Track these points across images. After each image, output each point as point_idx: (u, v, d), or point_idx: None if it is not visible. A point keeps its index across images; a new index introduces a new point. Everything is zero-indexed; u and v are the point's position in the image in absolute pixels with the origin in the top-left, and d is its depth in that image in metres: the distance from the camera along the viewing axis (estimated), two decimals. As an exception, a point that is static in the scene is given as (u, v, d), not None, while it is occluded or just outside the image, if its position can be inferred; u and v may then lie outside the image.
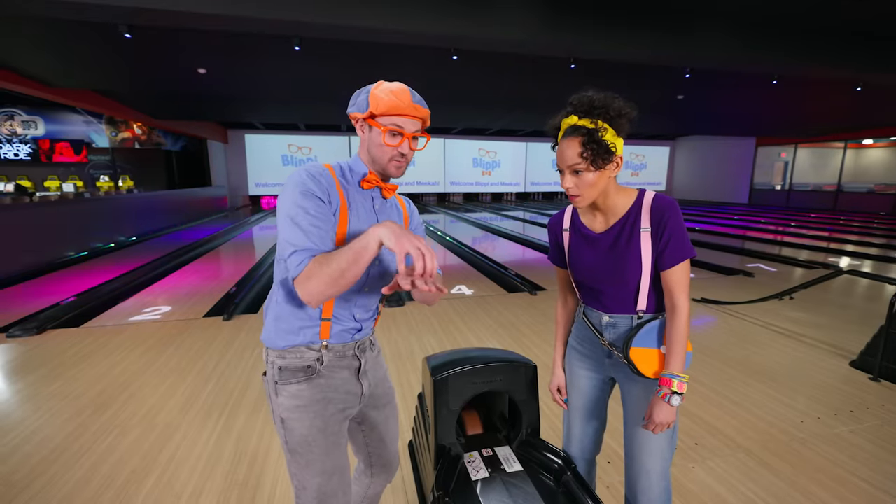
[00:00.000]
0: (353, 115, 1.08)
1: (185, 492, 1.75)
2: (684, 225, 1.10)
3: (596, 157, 1.04)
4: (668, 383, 1.08)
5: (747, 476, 1.87)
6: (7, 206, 6.42)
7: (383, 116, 1.03)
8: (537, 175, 19.08)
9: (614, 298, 1.18)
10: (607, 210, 1.15)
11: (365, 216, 1.10)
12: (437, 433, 1.34)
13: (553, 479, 1.28)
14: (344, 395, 1.12)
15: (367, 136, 1.08)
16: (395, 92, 1.02)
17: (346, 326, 1.11)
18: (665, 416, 1.09)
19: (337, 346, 1.10)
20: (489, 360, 1.39)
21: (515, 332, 3.51)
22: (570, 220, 1.25)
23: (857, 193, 14.20)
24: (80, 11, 3.75)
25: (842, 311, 4.09)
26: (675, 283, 1.09)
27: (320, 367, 1.08)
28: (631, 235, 1.12)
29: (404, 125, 1.04)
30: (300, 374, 1.06)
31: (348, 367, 1.13)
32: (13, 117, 11.32)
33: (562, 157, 1.08)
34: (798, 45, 5.55)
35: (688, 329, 1.10)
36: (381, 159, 1.08)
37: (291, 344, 1.06)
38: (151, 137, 12.79)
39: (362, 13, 4.18)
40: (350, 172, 1.12)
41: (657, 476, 1.18)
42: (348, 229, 1.05)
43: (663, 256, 1.09)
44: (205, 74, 6.73)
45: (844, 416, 2.33)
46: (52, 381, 2.68)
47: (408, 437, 2.09)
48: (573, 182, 1.07)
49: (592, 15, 4.82)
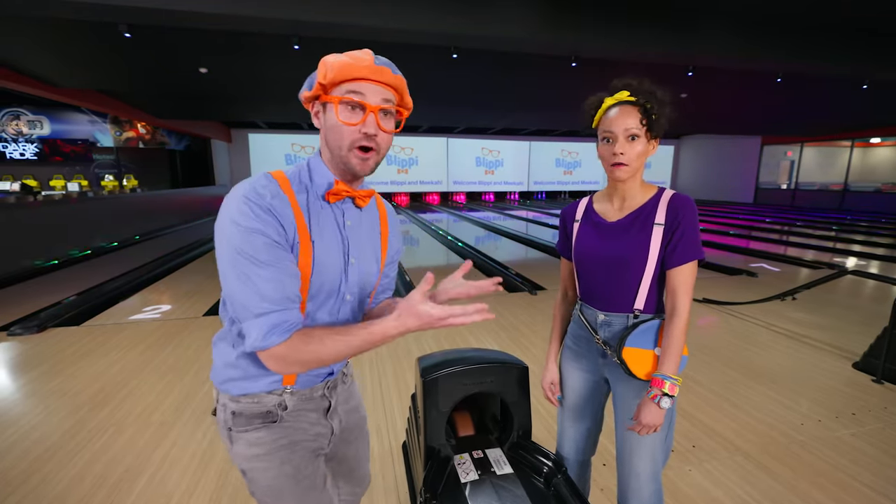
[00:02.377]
0: (304, 97, 0.81)
1: (177, 491, 1.75)
2: (699, 226, 1.10)
3: (652, 126, 1.06)
4: (659, 384, 1.06)
5: (745, 479, 1.84)
6: (12, 204, 6.48)
7: (336, 86, 0.77)
8: (540, 174, 19.02)
9: (612, 294, 1.16)
10: (627, 198, 1.16)
11: (332, 242, 0.84)
12: (426, 434, 1.33)
13: (543, 482, 1.26)
14: (312, 437, 0.94)
15: (322, 121, 0.81)
16: (350, 53, 0.77)
17: (315, 371, 0.92)
18: (653, 418, 1.06)
19: (303, 390, 0.91)
20: (480, 360, 1.38)
21: (515, 332, 3.49)
22: (584, 211, 1.25)
23: (864, 193, 14.04)
24: (78, 11, 3.76)
25: (846, 312, 4.04)
26: (680, 284, 1.08)
27: (282, 412, 0.88)
28: (643, 227, 1.11)
29: (365, 92, 0.77)
30: (257, 419, 0.87)
31: (316, 408, 0.95)
32: (19, 117, 11.41)
33: (617, 123, 1.07)
34: (800, 43, 5.49)
35: (685, 332, 1.08)
36: (339, 149, 0.80)
37: (246, 392, 0.86)
38: (155, 137, 12.86)
39: (361, 12, 4.17)
40: (310, 181, 0.84)
41: (647, 478, 1.17)
42: (313, 258, 0.80)
43: (673, 254, 1.08)
44: (206, 74, 6.75)
45: (846, 419, 2.29)
46: (52, 379, 2.70)
47: (402, 437, 2.07)
48: (626, 148, 1.07)
49: (592, 12, 4.79)
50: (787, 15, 5.08)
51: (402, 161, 17.18)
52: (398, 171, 17.18)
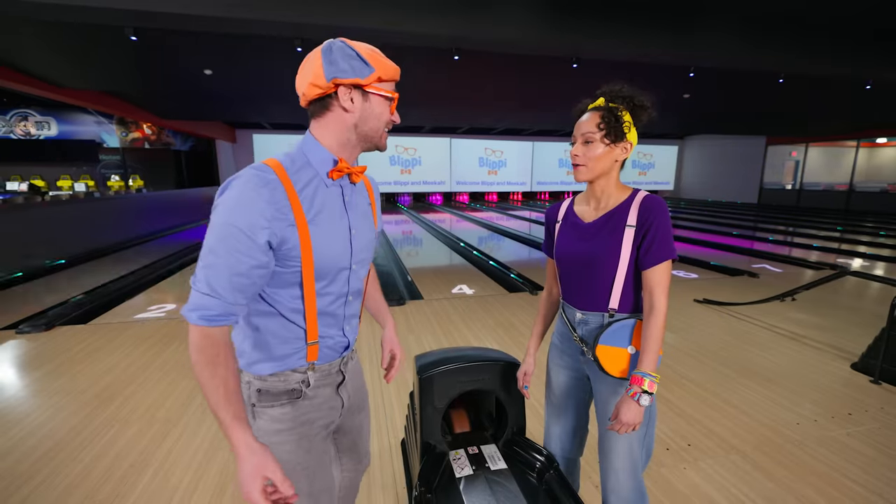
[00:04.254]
0: (343, 82, 0.84)
1: (181, 485, 1.79)
2: (671, 227, 1.13)
3: (609, 132, 1.11)
4: (639, 381, 1.07)
5: (740, 478, 1.86)
6: (20, 205, 6.57)
7: (388, 82, 0.89)
8: (544, 174, 19.01)
9: (588, 293, 1.20)
10: (602, 199, 1.20)
11: (335, 220, 0.92)
12: (422, 430, 1.36)
13: (536, 477, 1.29)
14: (327, 411, 1.03)
15: (359, 106, 0.87)
16: (379, 51, 0.89)
17: (335, 345, 1.00)
18: (632, 416, 1.07)
19: (324, 365, 1.00)
20: (475, 358, 1.41)
21: (514, 332, 3.52)
22: (564, 212, 1.30)
23: (871, 193, 13.94)
24: (86, 16, 3.82)
25: (847, 313, 4.03)
26: (656, 283, 1.11)
27: (305, 388, 0.96)
28: (615, 228, 1.15)
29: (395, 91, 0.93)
30: (283, 397, 0.94)
31: (331, 383, 1.03)
32: (27, 118, 11.55)
33: (578, 128, 1.15)
34: (802, 43, 5.47)
35: (664, 329, 1.10)
36: (377, 132, 0.92)
37: (273, 371, 0.93)
38: (161, 138, 12.97)
39: (363, 14, 4.21)
40: (308, 166, 0.89)
41: (625, 474, 1.20)
42: (316, 251, 0.87)
43: (647, 255, 1.11)
44: (211, 75, 6.81)
45: (842, 419, 2.31)
46: (59, 377, 2.75)
47: (401, 434, 2.11)
48: (581, 151, 1.14)
49: (594, 14, 4.80)
50: (788, 15, 5.07)
51: (406, 161, 17.22)
52: (401, 171, 17.22)
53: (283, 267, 0.87)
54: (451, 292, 4.67)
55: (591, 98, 1.18)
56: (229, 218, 0.78)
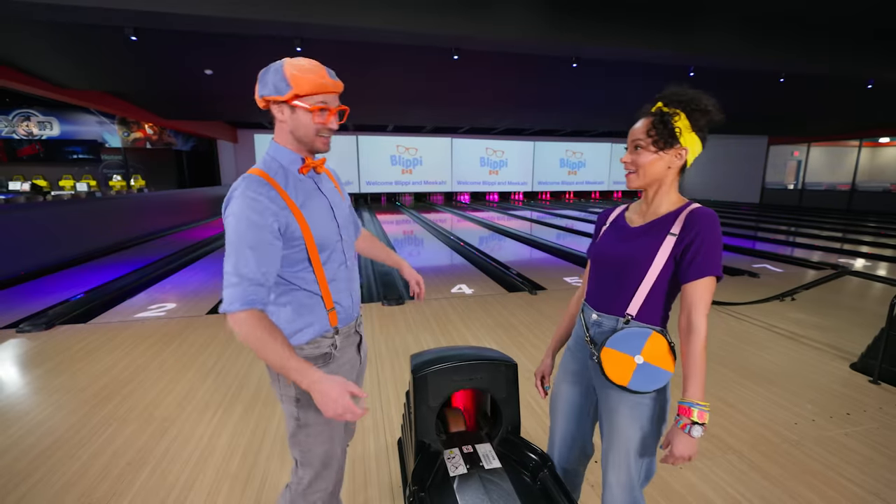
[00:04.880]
0: (269, 99, 1.03)
1: (177, 483, 1.80)
2: (721, 242, 1.05)
3: (659, 138, 1.07)
4: (687, 413, 0.99)
5: (736, 478, 1.86)
6: (22, 204, 6.60)
7: (309, 96, 1.02)
8: (545, 174, 18.99)
9: (610, 295, 1.16)
10: (653, 206, 1.15)
11: (317, 202, 1.12)
12: (416, 429, 1.36)
13: (530, 476, 1.29)
14: (349, 369, 1.23)
15: (288, 118, 1.05)
16: (312, 69, 1.01)
17: (348, 307, 1.20)
18: (685, 448, 0.99)
19: (344, 328, 1.19)
20: (470, 357, 1.41)
21: (513, 331, 3.52)
22: (616, 216, 1.27)
23: (873, 193, 13.89)
24: (86, 16, 3.84)
25: (847, 313, 4.02)
26: (697, 300, 1.02)
27: (335, 351, 1.16)
28: (658, 236, 1.10)
29: (330, 102, 1.05)
30: (319, 360, 1.13)
31: (352, 343, 1.24)
32: (30, 118, 11.59)
33: (631, 133, 1.13)
34: (802, 42, 5.46)
35: (705, 353, 1.01)
36: (308, 138, 1.07)
37: (308, 339, 1.13)
38: (162, 137, 13.01)
39: (363, 14, 4.21)
40: (282, 167, 1.09)
41: (620, 489, 1.17)
42: (312, 228, 1.07)
43: (690, 267, 1.03)
44: (212, 75, 6.83)
45: (840, 419, 2.30)
46: (58, 375, 2.76)
47: (398, 433, 2.11)
48: (631, 158, 1.13)
49: (593, 14, 4.80)
50: (788, 14, 5.06)
51: (407, 161, 17.23)
52: (402, 171, 17.23)
53: (290, 248, 1.06)
54: (451, 292, 4.67)
55: (650, 103, 1.12)
56: (244, 214, 0.98)
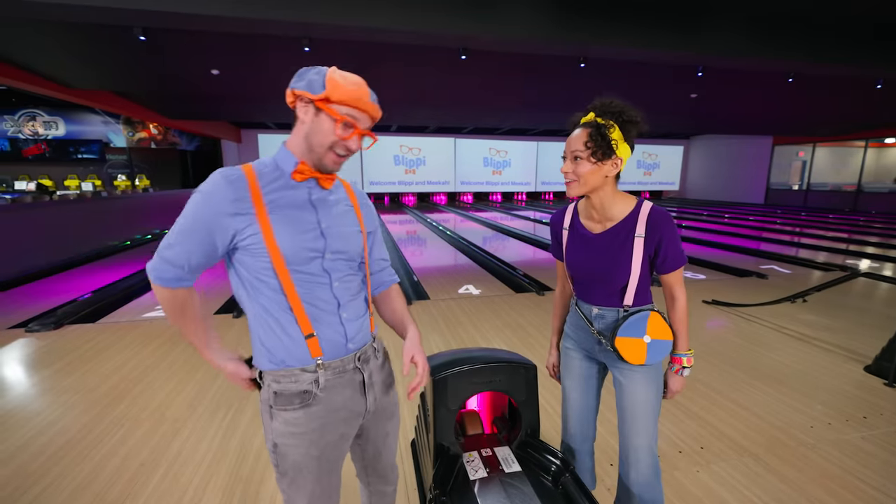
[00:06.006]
0: (298, 93, 0.94)
1: (191, 485, 1.79)
2: (678, 235, 1.24)
3: (597, 150, 1.14)
4: (679, 361, 1.29)
5: (753, 481, 1.84)
6: (28, 204, 6.62)
7: (340, 105, 0.92)
8: (548, 174, 18.96)
9: (604, 294, 1.30)
10: (604, 211, 1.25)
11: (299, 213, 0.97)
12: (435, 432, 1.35)
13: (551, 480, 1.28)
14: (345, 416, 1.02)
15: (310, 120, 0.95)
16: (356, 82, 0.94)
17: (335, 337, 0.99)
18: (680, 385, 1.31)
19: (334, 362, 0.99)
20: (489, 360, 1.40)
21: (522, 332, 3.50)
22: (570, 221, 1.35)
23: (879, 193, 13.81)
24: (96, 16, 3.84)
25: (859, 315, 3.99)
26: (674, 281, 1.27)
27: (317, 390, 0.97)
28: (626, 240, 1.23)
29: (360, 119, 0.95)
30: (296, 399, 0.96)
31: (350, 382, 1.02)
32: (35, 118, 11.64)
33: (568, 143, 1.20)
34: (810, 42, 5.43)
35: (687, 314, 1.29)
36: (320, 148, 0.95)
37: (283, 367, 0.97)
38: (167, 137, 13.04)
39: (370, 14, 4.21)
40: (276, 169, 0.99)
41: (644, 451, 1.31)
42: (276, 237, 0.92)
43: (664, 265, 1.24)
44: (218, 75, 6.83)
45: (856, 422, 2.28)
46: (68, 375, 2.76)
47: (411, 435, 2.10)
48: (571, 168, 1.19)
49: (600, 13, 4.78)
50: (796, 14, 5.03)
51: (410, 161, 17.22)
52: (406, 171, 17.23)
53: (252, 256, 0.94)
54: (458, 292, 4.66)
55: (582, 112, 1.20)
56: (196, 200, 0.94)
